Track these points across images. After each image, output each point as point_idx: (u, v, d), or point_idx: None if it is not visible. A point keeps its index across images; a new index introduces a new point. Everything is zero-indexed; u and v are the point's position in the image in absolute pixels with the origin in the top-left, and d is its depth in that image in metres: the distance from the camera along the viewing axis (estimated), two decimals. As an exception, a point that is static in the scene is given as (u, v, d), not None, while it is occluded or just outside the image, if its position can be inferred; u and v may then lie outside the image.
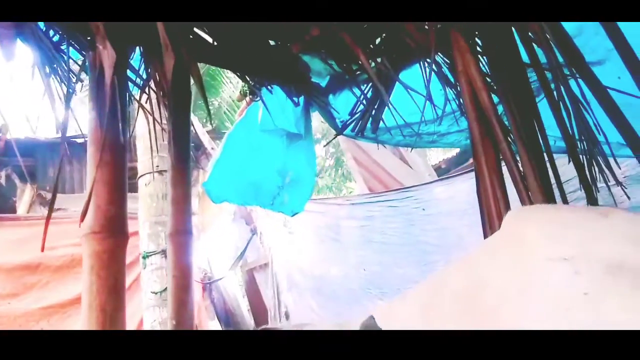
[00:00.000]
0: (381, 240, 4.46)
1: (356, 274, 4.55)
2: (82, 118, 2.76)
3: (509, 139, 2.10)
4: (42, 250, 1.73)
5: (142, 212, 5.60)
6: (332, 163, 17.50)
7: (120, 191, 2.29)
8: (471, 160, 6.15)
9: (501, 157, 2.11)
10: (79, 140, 7.30)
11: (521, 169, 2.06)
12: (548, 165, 2.10)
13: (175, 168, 2.60)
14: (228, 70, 11.57)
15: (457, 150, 9.88)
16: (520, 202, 2.00)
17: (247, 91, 3.19)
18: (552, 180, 2.10)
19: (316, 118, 3.77)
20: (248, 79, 3.05)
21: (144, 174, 5.79)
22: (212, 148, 6.43)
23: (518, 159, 2.08)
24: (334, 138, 3.08)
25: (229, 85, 12.54)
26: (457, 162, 6.55)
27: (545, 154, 2.11)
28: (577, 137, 2.16)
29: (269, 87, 3.09)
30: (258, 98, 3.08)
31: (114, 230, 2.21)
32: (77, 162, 7.37)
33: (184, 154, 2.65)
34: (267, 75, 2.88)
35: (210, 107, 13.43)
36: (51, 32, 2.95)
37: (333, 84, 2.88)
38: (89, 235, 2.08)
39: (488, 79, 2.36)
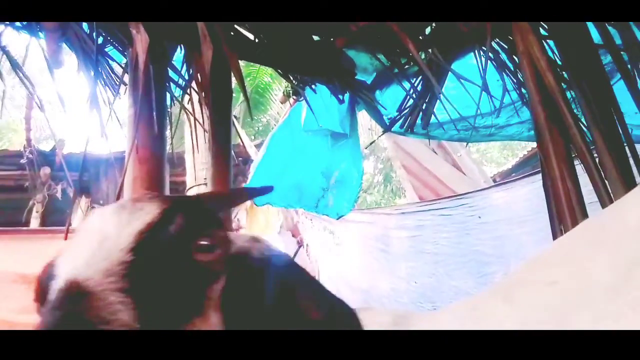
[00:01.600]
0: (433, 250, 4.20)
1: (406, 286, 4.30)
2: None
3: (581, 125, 1.86)
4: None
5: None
6: (381, 179, 17.21)
7: (160, 189, 2.22)
8: (531, 169, 5.79)
9: (571, 146, 1.88)
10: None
11: (596, 158, 1.82)
12: (629, 153, 1.85)
13: (214, 165, 2.51)
14: (276, 86, 11.69)
15: (514, 162, 9.42)
16: (596, 194, 1.76)
17: (291, 91, 3.09)
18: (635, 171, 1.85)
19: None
20: (291, 78, 2.94)
21: (192, 187, 5.83)
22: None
23: (592, 147, 1.85)
24: (382, 134, 2.91)
25: (277, 102, 12.62)
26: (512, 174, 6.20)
27: (625, 142, 1.86)
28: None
29: (312, 86, 2.97)
30: (302, 98, 2.97)
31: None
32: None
33: (224, 152, 2.56)
34: (310, 73, 2.76)
35: (258, 124, 13.61)
36: (94, 35, 2.96)
37: (380, 80, 2.72)
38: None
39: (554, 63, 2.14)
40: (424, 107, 2.57)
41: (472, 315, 0.89)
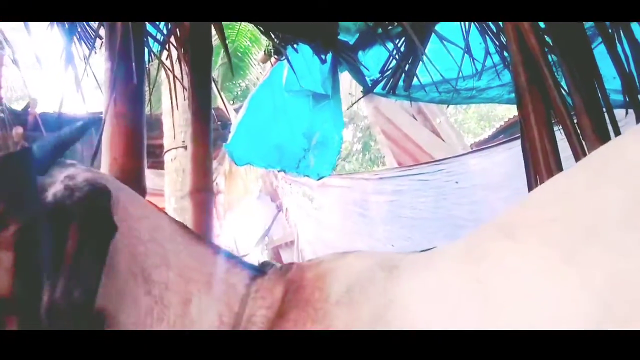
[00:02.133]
0: (410, 215, 4.26)
1: (383, 249, 4.36)
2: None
3: (561, 88, 1.88)
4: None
5: (168, 188, 5.54)
6: (360, 147, 17.23)
7: (137, 143, 2.17)
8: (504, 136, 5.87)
9: (551, 109, 1.90)
10: (106, 116, 7.24)
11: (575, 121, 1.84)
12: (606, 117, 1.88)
13: (195, 124, 2.47)
14: (255, 50, 11.45)
15: (490, 132, 9.52)
16: (574, 157, 1.79)
17: (272, 50, 3.03)
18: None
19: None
20: (273, 36, 2.89)
21: (170, 149, 5.74)
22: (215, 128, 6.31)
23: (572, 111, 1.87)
24: (364, 96, 2.89)
25: (256, 67, 12.39)
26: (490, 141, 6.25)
27: (603, 106, 1.88)
28: (639, 86, 1.93)
29: (294, 45, 2.92)
30: (283, 57, 2.92)
31: (131, 183, 2.09)
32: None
33: (203, 110, 2.52)
34: (293, 31, 2.71)
35: (237, 89, 13.37)
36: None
37: (362, 40, 2.70)
38: (103, 188, 1.95)
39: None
40: (406, 69, 2.56)
41: (471, 256, 0.87)
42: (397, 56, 2.57)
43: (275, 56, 3.07)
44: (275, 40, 2.85)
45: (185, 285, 1.06)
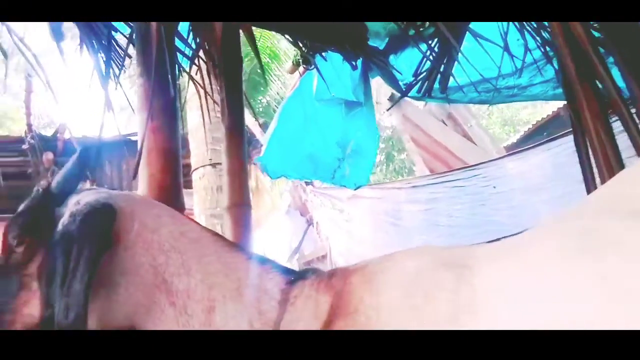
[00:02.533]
0: (447, 223, 4.14)
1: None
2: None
3: (613, 77, 1.78)
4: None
5: (198, 206, 5.53)
6: (383, 158, 17.13)
7: (174, 160, 2.13)
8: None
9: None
10: (134, 138, 7.36)
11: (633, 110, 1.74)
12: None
13: (229, 138, 2.43)
14: (275, 66, 11.50)
15: (516, 138, 9.29)
16: (633, 146, 1.68)
17: (300, 60, 3.00)
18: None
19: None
20: (301, 45, 2.85)
21: (198, 167, 5.74)
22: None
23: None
24: (398, 100, 2.82)
25: (277, 82, 12.46)
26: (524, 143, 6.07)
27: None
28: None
29: (322, 54, 2.88)
30: (312, 66, 2.88)
31: (168, 200, 2.05)
32: (133, 159, 7.42)
33: (238, 122, 2.48)
34: (322, 39, 2.66)
35: (259, 106, 13.43)
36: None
37: (394, 44, 2.63)
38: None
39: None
40: (441, 70, 2.48)
41: (583, 245, 0.76)
42: (431, 57, 2.49)
43: (304, 65, 3.03)
44: (304, 49, 2.80)
45: (209, 292, 1.03)
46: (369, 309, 0.92)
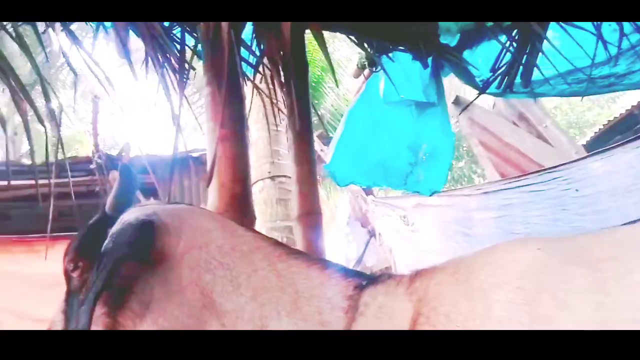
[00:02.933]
0: (525, 230, 3.85)
1: (497, 270, 3.96)
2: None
3: None
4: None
5: (257, 219, 5.51)
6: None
7: (244, 169, 2.06)
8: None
9: None
10: (195, 154, 7.52)
11: None
12: None
13: (299, 144, 2.33)
14: (327, 78, 11.46)
15: (584, 141, 8.73)
16: None
17: (366, 63, 2.87)
18: None
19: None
20: (367, 46, 2.72)
21: (257, 181, 5.72)
22: (322, 150, 6.22)
23: None
24: (477, 97, 2.63)
25: (330, 95, 12.44)
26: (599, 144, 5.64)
27: None
28: None
29: (389, 54, 2.74)
30: (379, 68, 2.75)
31: (240, 209, 1.97)
32: (195, 175, 7.55)
33: (307, 128, 2.38)
34: (391, 37, 2.53)
35: (314, 118, 13.46)
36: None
37: (467, 39, 2.46)
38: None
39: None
40: (523, 62, 2.28)
41: None
42: (511, 49, 2.30)
43: (370, 68, 2.90)
44: (370, 50, 2.68)
45: (261, 310, 0.95)
46: (464, 315, 0.78)
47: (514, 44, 2.29)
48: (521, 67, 2.28)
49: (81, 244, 1.09)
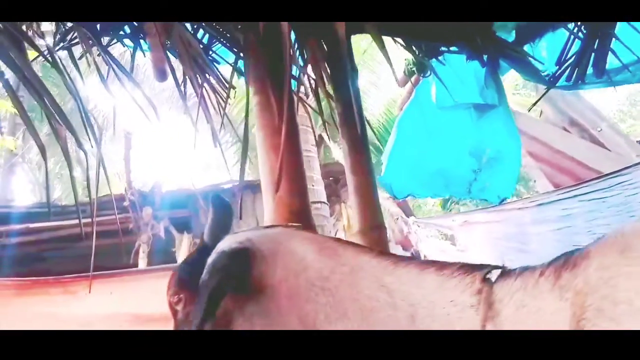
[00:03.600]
0: (590, 241, 3.55)
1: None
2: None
3: None
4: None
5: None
6: (472, 189, 16.26)
7: (301, 183, 1.89)
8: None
9: None
10: (227, 186, 7.43)
11: None
12: None
13: (353, 153, 2.15)
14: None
15: None
16: None
17: (414, 69, 2.71)
18: None
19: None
20: (415, 49, 2.56)
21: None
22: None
23: None
24: (546, 93, 2.42)
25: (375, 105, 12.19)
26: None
27: None
28: None
29: (439, 57, 2.58)
30: (429, 73, 2.58)
31: (298, 223, 1.80)
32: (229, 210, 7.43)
33: (360, 136, 2.20)
34: (443, 38, 2.36)
35: (339, 147, 13.35)
36: (200, 34, 2.75)
37: (528, 31, 2.27)
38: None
39: None
40: (595, 49, 2.07)
41: None
42: (580, 35, 2.10)
43: (419, 74, 2.74)
44: (418, 53, 2.51)
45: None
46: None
47: (583, 31, 2.09)
48: (593, 55, 2.07)
49: (182, 276, 1.11)
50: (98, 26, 2.31)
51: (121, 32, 2.44)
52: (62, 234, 6.91)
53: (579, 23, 2.08)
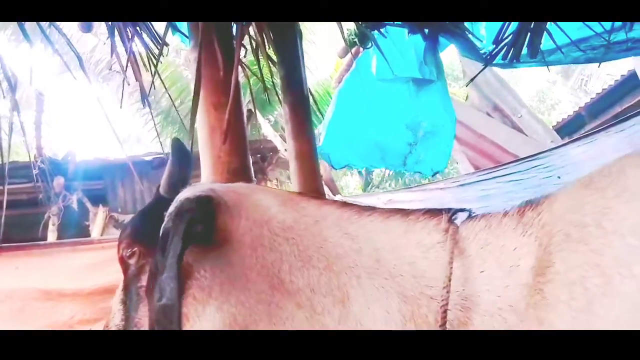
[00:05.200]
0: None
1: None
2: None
3: None
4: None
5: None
6: (392, 173, 16.77)
7: (241, 140, 1.82)
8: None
9: None
10: (147, 158, 7.06)
11: None
12: None
13: (294, 117, 2.10)
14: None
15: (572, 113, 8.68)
16: None
17: (356, 39, 2.69)
18: None
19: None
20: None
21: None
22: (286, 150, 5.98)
23: None
24: (482, 70, 2.50)
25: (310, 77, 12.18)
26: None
27: None
28: None
29: (381, 29, 2.58)
30: (370, 44, 2.57)
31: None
32: (147, 180, 7.12)
33: (302, 100, 2.15)
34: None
35: (268, 124, 13.23)
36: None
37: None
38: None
39: None
40: (530, 30, 2.16)
41: None
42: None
43: (360, 45, 2.73)
44: (361, 24, 2.50)
45: (337, 279, 0.84)
46: (625, 217, 0.65)
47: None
48: (528, 35, 2.16)
49: (136, 229, 1.06)
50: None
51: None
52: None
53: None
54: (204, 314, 0.89)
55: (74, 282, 5.25)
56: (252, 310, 0.88)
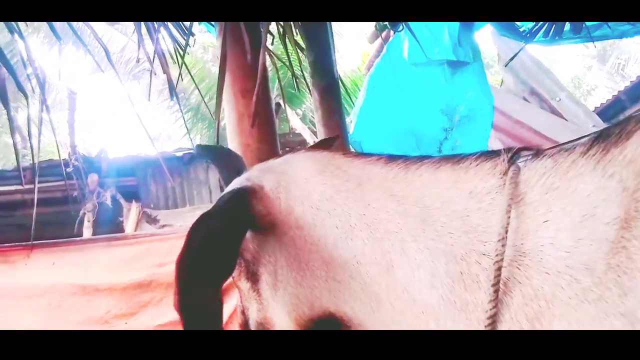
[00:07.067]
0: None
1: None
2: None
3: None
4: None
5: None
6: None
7: (270, 127, 1.76)
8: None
9: None
10: (178, 154, 7.13)
11: None
12: None
13: (323, 104, 2.04)
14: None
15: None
16: None
17: (387, 23, 2.59)
18: None
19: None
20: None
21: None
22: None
23: None
24: (522, 49, 2.37)
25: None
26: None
27: None
28: None
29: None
30: (401, 28, 2.47)
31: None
32: (178, 176, 7.16)
33: (332, 85, 2.08)
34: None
35: (297, 117, 13.21)
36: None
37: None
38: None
39: None
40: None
41: None
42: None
43: (391, 29, 2.63)
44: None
45: (380, 246, 0.77)
46: None
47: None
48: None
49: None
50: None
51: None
52: (0, 200, 6.46)
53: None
54: (276, 297, 0.88)
55: (110, 277, 5.31)
56: (312, 289, 0.85)
